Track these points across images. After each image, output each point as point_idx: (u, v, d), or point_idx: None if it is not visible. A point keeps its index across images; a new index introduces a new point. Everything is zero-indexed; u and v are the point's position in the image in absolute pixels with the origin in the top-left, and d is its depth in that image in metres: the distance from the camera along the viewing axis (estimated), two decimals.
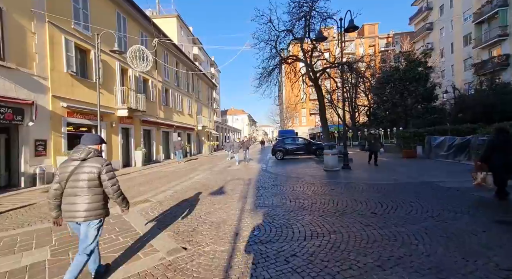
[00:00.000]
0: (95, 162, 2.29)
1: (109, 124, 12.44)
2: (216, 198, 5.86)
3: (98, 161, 2.30)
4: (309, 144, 15.32)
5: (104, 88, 12.20)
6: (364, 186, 6.32)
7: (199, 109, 28.20)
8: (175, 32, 32.50)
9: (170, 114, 20.25)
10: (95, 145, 2.42)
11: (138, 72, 15.34)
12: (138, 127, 15.23)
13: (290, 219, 4.04)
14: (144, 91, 16.45)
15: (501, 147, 4.44)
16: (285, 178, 8.17)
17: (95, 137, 2.49)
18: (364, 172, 8.81)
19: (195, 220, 4.27)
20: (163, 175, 10.60)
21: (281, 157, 15.13)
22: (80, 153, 2.29)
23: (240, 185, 7.32)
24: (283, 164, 12.60)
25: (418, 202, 4.66)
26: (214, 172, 10.70)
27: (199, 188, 7.14)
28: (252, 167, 12.17)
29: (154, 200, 5.92)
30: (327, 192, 5.89)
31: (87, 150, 2.32)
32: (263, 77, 13.25)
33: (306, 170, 10.00)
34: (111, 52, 9.18)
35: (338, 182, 7.09)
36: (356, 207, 4.54)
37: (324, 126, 12.57)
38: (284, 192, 6.06)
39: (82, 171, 2.24)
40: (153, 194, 6.61)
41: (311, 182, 7.26)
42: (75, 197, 2.22)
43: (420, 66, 16.45)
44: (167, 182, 8.68)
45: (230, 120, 70.28)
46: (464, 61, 29.54)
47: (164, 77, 19.23)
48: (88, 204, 2.23)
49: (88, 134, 2.53)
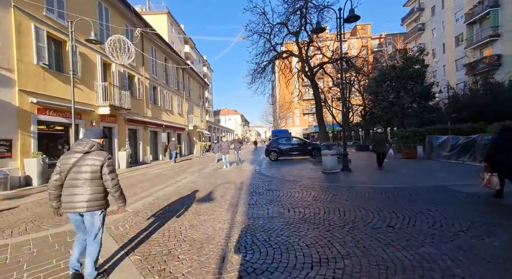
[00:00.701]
0: (98, 155, 2.35)
1: (89, 123, 11.40)
2: (202, 206, 5.05)
3: (101, 154, 2.36)
4: (305, 144, 14.65)
5: (83, 84, 11.17)
6: (370, 191, 5.64)
7: (190, 109, 27.21)
8: (165, 29, 31.45)
9: (159, 113, 19.24)
10: (98, 138, 2.47)
11: (122, 67, 14.33)
12: (122, 127, 14.20)
13: (291, 235, 3.29)
14: (130, 88, 15.42)
15: (504, 146, 4.27)
16: (280, 181, 7.43)
17: (98, 131, 2.54)
18: (365, 174, 8.18)
19: (173, 237, 3.47)
20: (147, 178, 9.68)
21: (275, 158, 14.42)
22: (83, 145, 2.33)
23: (231, 190, 6.53)
24: (278, 165, 11.87)
25: (438, 211, 4.00)
26: (204, 175, 9.86)
27: (184, 194, 6.31)
28: (244, 168, 11.38)
29: (130, 209, 5.06)
30: (330, 198, 5.17)
31: (91, 143, 2.37)
32: (256, 73, 12.50)
33: (303, 172, 9.30)
34: (87, 41, 8.20)
35: (339, 186, 6.40)
36: (368, 218, 3.83)
37: (321, 126, 11.92)
38: (281, 199, 5.31)
39: (85, 163, 2.29)
40: (130, 202, 5.73)
41: (310, 186, 6.54)
42: (77, 188, 2.27)
43: (417, 64, 16.11)
44: (150, 186, 7.80)
45: (223, 120, 69.24)
46: (456, 62, 29.73)
47: (152, 74, 18.22)
48: (90, 195, 2.29)
49: (92, 128, 2.66)
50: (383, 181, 6.86)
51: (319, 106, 11.85)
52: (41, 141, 9.22)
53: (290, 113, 55.54)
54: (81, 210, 2.26)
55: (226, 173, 9.98)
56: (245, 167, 11.90)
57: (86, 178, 2.28)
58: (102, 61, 12.39)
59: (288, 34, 11.79)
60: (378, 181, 6.84)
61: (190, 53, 38.93)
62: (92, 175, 2.29)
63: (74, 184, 2.27)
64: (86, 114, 11.22)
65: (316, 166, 10.85)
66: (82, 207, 2.26)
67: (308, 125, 50.17)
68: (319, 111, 11.88)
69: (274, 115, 61.36)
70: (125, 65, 14.63)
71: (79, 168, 2.28)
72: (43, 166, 8.43)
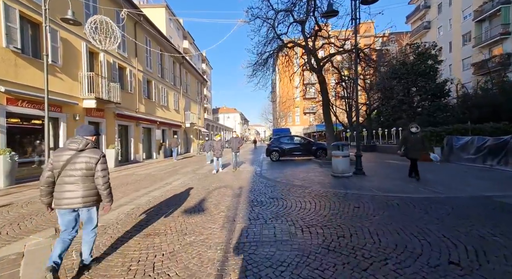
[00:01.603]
0: (93, 153, 2.37)
1: (71, 117, 10.28)
2: (190, 220, 3.98)
3: (95, 152, 2.39)
4: (309, 143, 13.61)
5: (65, 73, 10.03)
6: (398, 203, 4.59)
7: (187, 105, 26.07)
8: (163, 23, 30.31)
9: (153, 109, 18.10)
10: (91, 136, 2.48)
11: (112, 57, 13.19)
12: (111, 122, 13.08)
13: (312, 276, 2.23)
14: (121, 80, 14.28)
15: None
16: (286, 187, 6.36)
17: (91, 128, 2.54)
18: (382, 179, 7.13)
19: (141, 274, 2.40)
20: (134, 179, 8.59)
21: (277, 158, 13.36)
22: (78, 143, 2.33)
23: (228, 197, 5.46)
24: (280, 167, 10.81)
25: (506, 237, 2.96)
26: (198, 176, 8.78)
27: (171, 202, 5.24)
28: (243, 170, 10.31)
29: (99, 223, 3.98)
30: (352, 212, 4.12)
31: (85, 141, 2.38)
32: (257, 65, 11.39)
33: (310, 174, 8.24)
34: (63, 21, 7.06)
35: (358, 194, 5.34)
36: (414, 247, 2.77)
37: (328, 124, 10.85)
38: (289, 211, 4.25)
39: (80, 160, 2.30)
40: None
41: (322, 193, 5.49)
42: (71, 185, 2.28)
43: (430, 59, 15.08)
44: (134, 190, 6.72)
45: (222, 118, 68.09)
46: (463, 61, 28.81)
47: (145, 67, 17.06)
48: (84, 191, 2.31)
49: (83, 125, 2.60)
50: (408, 188, 5.81)
51: (326, 102, 10.77)
52: (12, 136, 8.12)
53: (290, 112, 54.53)
54: (77, 205, 2.30)
55: (222, 175, 8.90)
56: (244, 168, 10.83)
57: (81, 175, 2.30)
58: (87, 49, 11.24)
59: (293, 22, 10.70)
60: (402, 188, 5.79)
61: (189, 49, 37.76)
62: (87, 172, 2.32)
63: (68, 180, 2.28)
64: (68, 107, 10.09)
65: (324, 168, 9.79)
66: (78, 203, 2.29)
67: (309, 124, 49.17)
68: (327, 108, 10.81)
69: (274, 114, 60.30)
70: (116, 55, 13.49)
71: (74, 165, 2.28)
72: (12, 165, 7.32)
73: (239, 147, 10.26)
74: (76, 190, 2.27)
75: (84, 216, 2.42)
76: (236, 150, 10.17)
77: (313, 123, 47.11)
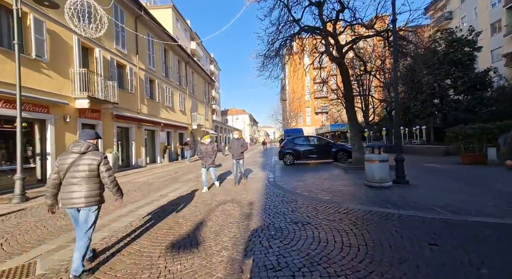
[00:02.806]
0: (94, 155, 2.51)
1: (61, 119, 9.19)
2: (175, 265, 2.56)
3: (97, 154, 2.53)
4: (327, 144, 11.99)
5: (53, 69, 8.96)
6: (500, 236, 2.99)
7: (194, 106, 24.97)
8: (170, 24, 29.50)
9: (157, 110, 17.01)
10: (92, 139, 2.63)
11: (109, 54, 12.13)
12: (109, 124, 11.98)
13: None
14: (120, 79, 13.23)
15: None
16: (311, 203, 4.85)
17: (92, 132, 2.68)
18: (436, 190, 5.47)
19: None
20: (127, 190, 7.31)
21: (291, 162, 11.83)
22: (80, 146, 2.49)
23: (233, 220, 4.01)
24: (297, 172, 9.28)
25: None
26: (200, 186, 7.41)
27: (156, 227, 3.85)
28: (254, 177, 8.85)
29: (42, 271, 2.63)
30: (433, 258, 2.56)
31: (87, 144, 2.52)
32: (268, 57, 9.95)
33: (336, 184, 6.68)
34: (36, 2, 5.89)
35: (419, 218, 3.75)
36: None
37: (353, 122, 9.21)
38: (327, 254, 2.73)
39: (82, 162, 2.44)
40: (65, 242, 3.35)
41: (364, 215, 3.94)
42: (75, 186, 2.42)
43: (467, 46, 13.11)
44: (118, 206, 5.40)
45: (231, 120, 67.05)
46: (491, 52, 26.25)
47: (148, 65, 16.00)
48: (87, 191, 2.45)
49: (86, 130, 2.73)
50: (486, 206, 4.15)
51: (349, 96, 9.16)
52: None
53: (301, 113, 52.70)
54: (80, 205, 2.43)
55: (228, 185, 7.47)
56: (255, 175, 9.37)
57: (84, 176, 2.43)
58: (80, 44, 10.17)
59: (309, 5, 9.21)
60: (478, 207, 4.12)
61: (196, 50, 36.82)
62: (89, 173, 2.45)
63: (72, 182, 2.42)
64: (57, 107, 9.00)
65: (350, 174, 8.18)
66: (81, 203, 2.42)
67: (321, 125, 47.13)
68: (350, 104, 9.19)
69: (284, 114, 58.61)
70: (114, 52, 12.44)
71: (77, 167, 2.43)
72: None
73: (242, 152, 7.12)
74: (80, 190, 2.42)
75: (83, 216, 2.48)
76: (238, 156, 7.07)
77: (325, 123, 45.09)
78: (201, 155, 6.70)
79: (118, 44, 12.85)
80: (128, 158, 13.92)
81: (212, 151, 6.68)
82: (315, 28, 8.89)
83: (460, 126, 8.84)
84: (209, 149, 6.68)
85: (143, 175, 10.94)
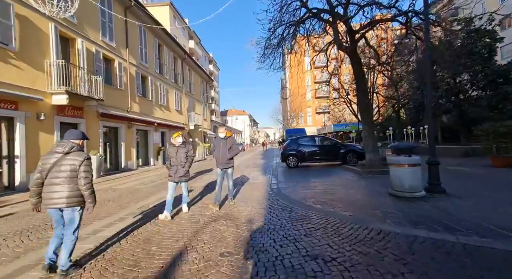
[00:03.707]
0: (77, 155, 2.50)
1: (33, 116, 8.06)
2: None
3: (80, 155, 2.51)
4: (335, 145, 10.84)
5: (24, 60, 7.84)
6: None
7: (191, 106, 23.86)
8: (167, 21, 28.40)
9: (150, 109, 15.89)
10: (77, 139, 2.59)
11: (94, 46, 11.02)
12: (93, 123, 10.85)
13: None
14: (107, 74, 12.13)
15: None
16: (329, 222, 3.70)
17: (78, 133, 2.65)
18: (487, 202, 4.33)
19: None
20: (104, 199, 6.17)
21: (296, 164, 10.68)
22: (63, 147, 2.49)
23: (226, 251, 2.86)
24: (303, 176, 8.15)
25: None
26: (189, 194, 6.27)
27: (118, 259, 2.70)
28: (254, 182, 7.71)
29: None
30: None
31: (70, 144, 2.52)
32: (269, 49, 8.86)
33: (352, 192, 5.53)
34: None
35: (490, 250, 2.62)
36: None
37: (366, 119, 8.08)
38: None
39: (65, 163, 2.44)
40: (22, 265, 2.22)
41: (415, 247, 2.78)
42: (57, 186, 2.42)
43: (487, 36, 12.00)
44: (83, 222, 4.26)
45: (230, 121, 65.97)
46: None
47: (140, 61, 14.89)
48: (69, 192, 2.44)
49: (72, 130, 2.69)
50: None
51: (363, 89, 8.01)
52: None
53: (302, 113, 51.59)
54: (61, 205, 2.42)
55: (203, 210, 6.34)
56: (255, 179, 8.23)
57: (66, 176, 2.43)
58: (57, 33, 9.05)
59: None
60: None
61: (195, 49, 35.69)
62: (71, 173, 2.44)
63: (54, 182, 2.42)
64: (29, 103, 7.87)
65: (366, 180, 7.03)
66: (62, 203, 2.42)
67: (322, 125, 45.99)
68: (364, 98, 8.04)
69: (284, 114, 57.48)
70: (99, 43, 11.32)
71: (59, 167, 2.43)
72: None
73: (232, 158, 4.90)
74: (61, 190, 2.41)
75: (67, 216, 2.50)
76: (224, 164, 4.86)
77: (327, 123, 43.95)
78: (169, 161, 4.55)
79: (105, 35, 11.74)
80: (117, 160, 12.77)
81: (185, 156, 4.48)
82: (324, 10, 7.76)
83: (492, 124, 7.72)
84: (181, 154, 4.48)
85: (131, 179, 9.80)
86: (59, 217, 2.50)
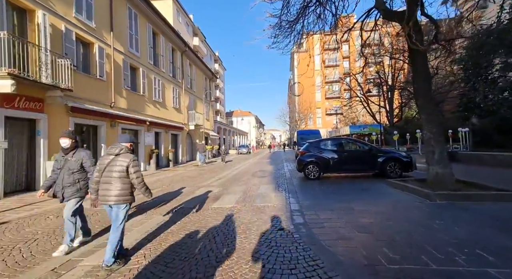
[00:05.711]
0: (126, 157, 2.74)
1: None
2: None
3: (127, 157, 2.75)
4: (369, 151, 8.25)
5: None
6: None
7: (192, 104, 21.63)
8: (171, 16, 26.42)
9: (141, 105, 13.66)
10: (126, 143, 2.88)
11: (64, 23, 8.81)
12: (59, 119, 8.59)
13: None
14: (84, 60, 9.94)
15: None
16: None
17: (127, 137, 2.99)
18: None
19: None
20: (44, 228, 3.81)
21: (316, 175, 8.15)
22: (115, 149, 2.77)
23: None
24: (335, 196, 5.62)
25: None
26: (180, 213, 3.83)
27: None
28: (263, 205, 5.25)
29: None
30: None
31: (120, 146, 2.79)
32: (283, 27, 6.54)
33: (448, 238, 2.99)
34: None
35: None
36: None
37: (430, 116, 5.48)
38: None
39: (115, 164, 2.70)
40: None
41: None
42: (109, 184, 2.67)
43: None
44: None
45: (236, 122, 63.77)
46: None
47: (129, 48, 12.69)
48: (118, 190, 2.66)
49: (122, 134, 3.06)
50: None
51: (424, 75, 5.43)
52: None
53: (311, 114, 48.90)
54: (111, 202, 2.65)
55: (216, 222, 3.87)
56: (266, 201, 5.74)
57: (116, 176, 2.66)
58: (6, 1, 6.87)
59: None
60: None
61: (199, 47, 33.68)
62: (120, 174, 2.68)
63: (107, 180, 2.67)
64: None
65: (444, 209, 4.45)
66: (112, 200, 2.64)
67: (333, 127, 43.19)
68: (427, 84, 5.47)
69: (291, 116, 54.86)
70: (72, 21, 9.12)
71: (111, 167, 2.68)
72: None
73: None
74: (112, 189, 2.65)
75: (114, 212, 2.71)
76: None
77: (338, 125, 41.12)
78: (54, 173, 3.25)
79: (80, 12, 9.54)
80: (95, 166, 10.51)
81: (75, 164, 3.18)
82: None
83: None
84: (71, 162, 3.19)
85: None
86: (111, 212, 2.73)
